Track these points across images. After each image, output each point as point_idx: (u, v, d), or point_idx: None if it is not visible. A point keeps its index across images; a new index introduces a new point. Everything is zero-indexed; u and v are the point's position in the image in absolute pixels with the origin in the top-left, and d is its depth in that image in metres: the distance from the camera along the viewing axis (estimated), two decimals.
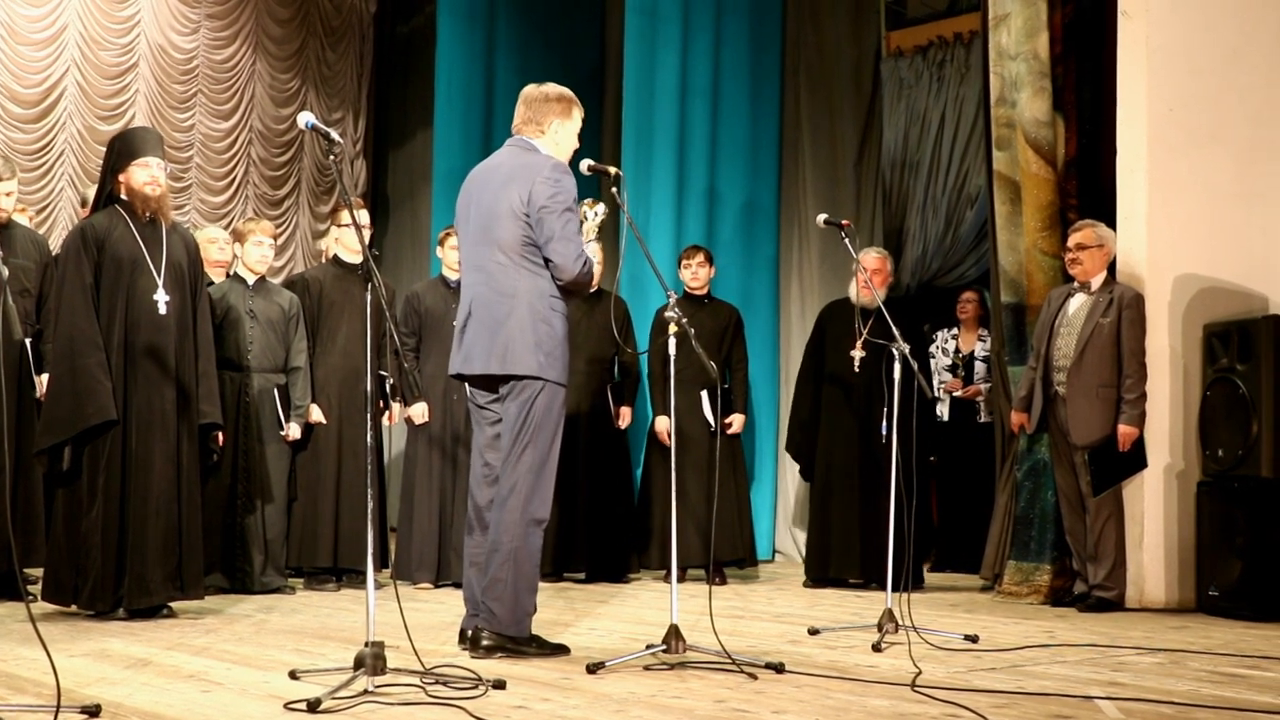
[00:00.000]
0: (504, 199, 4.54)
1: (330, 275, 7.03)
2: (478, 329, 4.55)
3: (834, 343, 7.35)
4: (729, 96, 8.83)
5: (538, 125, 4.70)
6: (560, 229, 4.48)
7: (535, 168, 4.55)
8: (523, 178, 4.53)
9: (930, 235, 9.60)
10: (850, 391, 7.24)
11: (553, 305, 4.54)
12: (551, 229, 4.48)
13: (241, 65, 11.13)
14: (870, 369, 7.10)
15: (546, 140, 4.70)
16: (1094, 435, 6.26)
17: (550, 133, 4.70)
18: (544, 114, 4.69)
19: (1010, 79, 6.89)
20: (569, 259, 4.49)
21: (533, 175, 4.52)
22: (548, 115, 4.69)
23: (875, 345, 7.06)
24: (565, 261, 4.49)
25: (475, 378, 4.60)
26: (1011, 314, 6.94)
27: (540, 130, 4.70)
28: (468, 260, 4.65)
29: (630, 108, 8.64)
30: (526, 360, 4.48)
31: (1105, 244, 6.42)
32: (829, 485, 7.30)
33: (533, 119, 4.70)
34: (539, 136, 4.70)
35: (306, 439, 6.80)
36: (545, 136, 4.70)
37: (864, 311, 7.17)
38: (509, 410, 4.51)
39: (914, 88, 9.53)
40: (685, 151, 8.63)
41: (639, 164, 8.52)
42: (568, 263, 4.49)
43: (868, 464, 7.15)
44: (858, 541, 7.17)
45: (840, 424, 7.27)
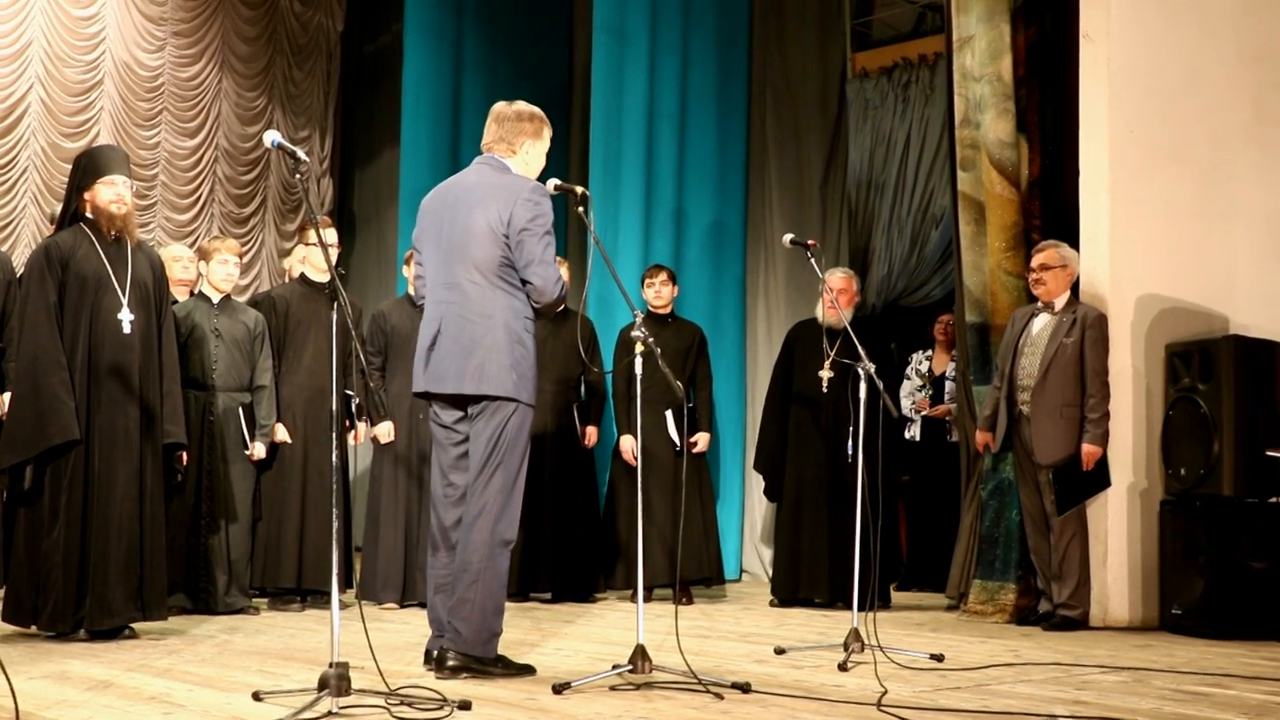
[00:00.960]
0: (481, 218, 4.52)
1: (296, 294, 7.00)
2: (450, 348, 4.53)
3: (801, 363, 7.38)
4: (696, 117, 8.86)
5: (509, 145, 4.69)
6: (541, 253, 4.48)
7: (514, 189, 4.54)
8: (502, 198, 4.52)
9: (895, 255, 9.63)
10: (818, 412, 7.26)
11: (526, 326, 4.54)
12: (532, 252, 4.48)
13: (207, 83, 11.09)
14: (838, 389, 7.12)
15: (517, 160, 4.70)
16: (1058, 454, 6.29)
17: (521, 153, 4.70)
18: (516, 133, 4.69)
19: (974, 100, 6.94)
20: (549, 282, 4.50)
21: (513, 196, 4.51)
22: (520, 135, 4.69)
23: (843, 365, 7.07)
24: (545, 285, 4.49)
25: (443, 397, 4.58)
26: (976, 334, 6.97)
27: (512, 150, 4.70)
28: (436, 278, 4.62)
29: (598, 127, 8.65)
30: (502, 381, 4.47)
31: (1068, 264, 6.46)
32: (798, 506, 7.31)
33: (504, 138, 4.69)
34: (510, 156, 4.69)
35: (271, 458, 6.76)
36: (516, 156, 4.70)
37: (831, 332, 7.19)
38: (480, 431, 4.49)
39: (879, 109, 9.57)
40: (652, 171, 8.64)
41: (606, 184, 8.53)
42: (548, 286, 4.49)
43: (836, 484, 7.17)
44: (826, 562, 7.18)
45: (809, 444, 7.30)
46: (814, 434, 7.28)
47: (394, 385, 7.11)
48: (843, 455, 7.07)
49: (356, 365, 6.71)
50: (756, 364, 9.13)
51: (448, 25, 10.01)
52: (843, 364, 7.05)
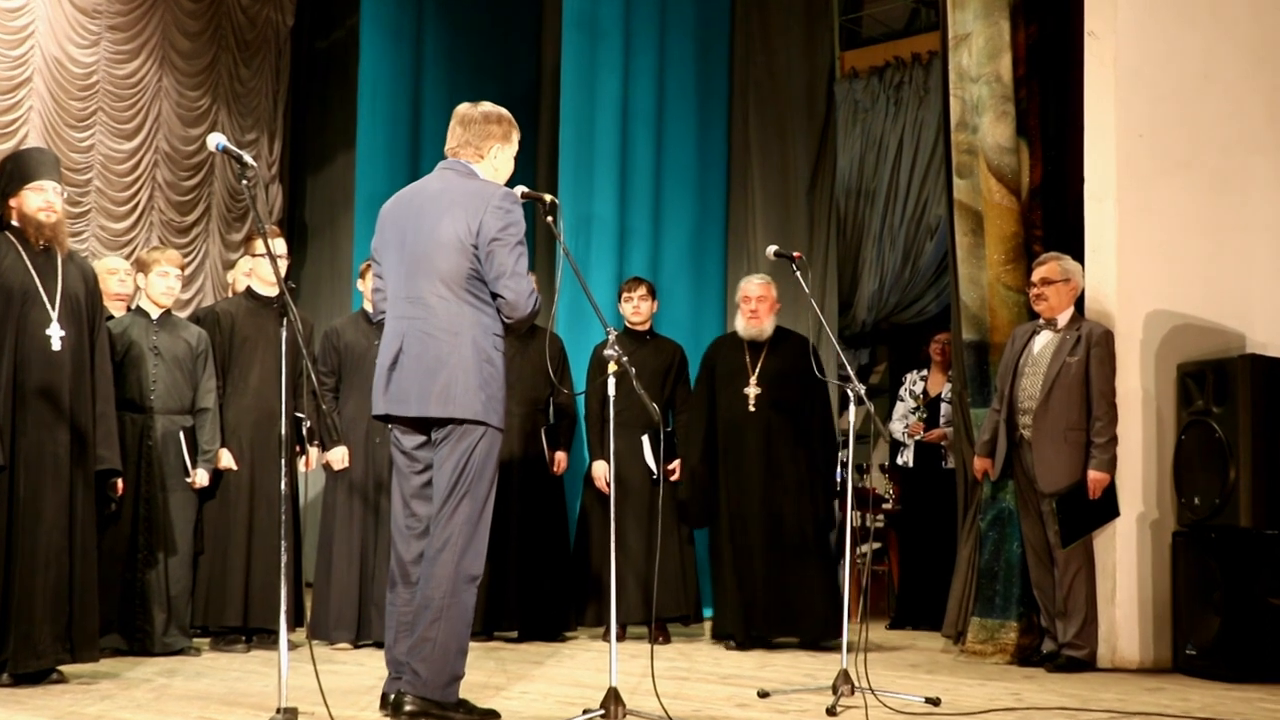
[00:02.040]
0: (447, 228, 4.51)
1: (242, 309, 6.97)
2: (413, 367, 4.50)
3: (724, 381, 7.29)
4: (674, 119, 8.87)
5: (476, 149, 4.69)
6: (513, 264, 4.47)
7: (483, 196, 4.53)
8: (470, 206, 4.51)
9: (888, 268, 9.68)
10: (746, 432, 7.17)
11: (496, 344, 4.54)
12: (503, 264, 4.47)
13: (146, 81, 11.04)
14: (766, 406, 7.08)
15: (485, 166, 4.69)
16: (1062, 482, 6.29)
17: (489, 157, 4.70)
18: (484, 137, 4.69)
19: (971, 102, 6.96)
20: (521, 296, 4.49)
21: (481, 204, 4.50)
22: (488, 139, 4.69)
23: (773, 380, 7.09)
24: (518, 299, 4.48)
25: (406, 420, 4.56)
26: (974, 352, 6.98)
27: (479, 154, 4.69)
28: (398, 292, 4.60)
29: (568, 130, 8.65)
30: (469, 403, 4.45)
31: (1072, 278, 6.47)
32: (740, 536, 7.14)
33: (471, 142, 4.69)
34: (477, 161, 4.69)
35: (215, 486, 6.72)
36: (484, 161, 4.69)
37: (753, 345, 7.19)
38: (445, 457, 4.47)
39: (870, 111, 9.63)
40: (627, 178, 8.65)
41: (578, 190, 8.53)
42: (520, 299, 4.49)
43: (773, 511, 7.09)
44: (772, 598, 7.03)
45: (740, 469, 7.17)
46: (745, 457, 7.15)
47: (348, 407, 7.07)
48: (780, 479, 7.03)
49: (308, 386, 6.68)
50: None
51: (407, 20, 10.01)
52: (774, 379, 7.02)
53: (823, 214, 9.40)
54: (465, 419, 4.45)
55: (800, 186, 9.37)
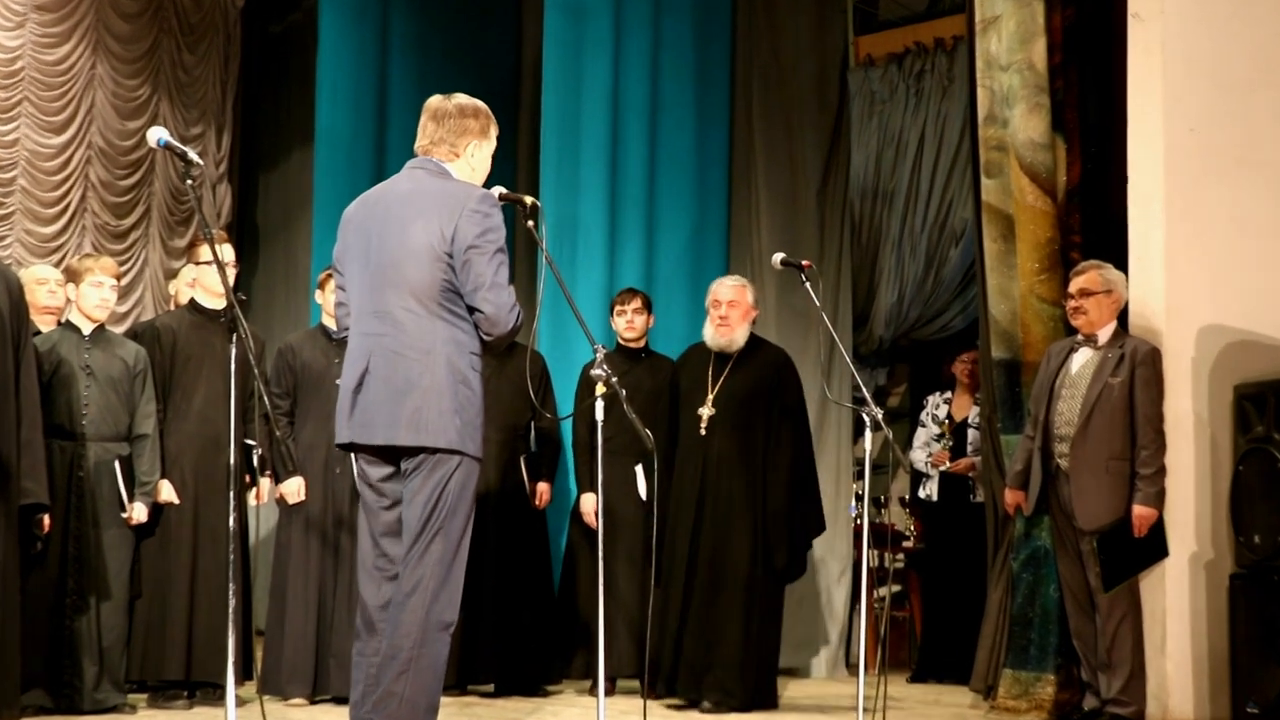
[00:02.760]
0: (419, 234, 4.50)
1: (186, 323, 6.95)
2: (381, 390, 4.50)
3: (685, 399, 7.18)
4: (669, 110, 8.87)
5: (451, 146, 4.69)
6: (492, 275, 4.47)
7: (459, 198, 4.52)
8: (444, 209, 4.50)
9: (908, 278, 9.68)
10: (688, 461, 7.01)
11: (472, 363, 4.53)
12: (481, 274, 4.46)
13: (78, 68, 11.02)
14: (718, 431, 6.87)
15: (460, 165, 4.70)
16: (1104, 518, 6.28)
17: (465, 156, 4.70)
18: (459, 133, 4.69)
19: (1001, 93, 6.97)
20: (502, 309, 4.48)
21: (457, 207, 4.50)
22: (464, 135, 4.69)
23: (733, 401, 6.94)
24: (498, 313, 4.48)
25: (372, 449, 4.54)
26: (1004, 372, 6.98)
27: (454, 152, 4.69)
28: (363, 306, 4.59)
29: (551, 123, 8.64)
30: (444, 429, 4.44)
31: (1114, 289, 6.47)
32: (688, 580, 6.94)
33: (445, 139, 4.69)
34: (452, 160, 4.69)
35: (155, 522, 6.70)
36: (459, 160, 4.70)
37: (720, 357, 7.03)
38: (417, 490, 4.46)
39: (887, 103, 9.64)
40: (617, 176, 8.64)
41: (562, 192, 8.51)
42: (501, 314, 4.48)
43: (705, 556, 6.87)
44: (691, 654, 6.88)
45: (675, 503, 6.98)
46: (682, 489, 6.97)
47: (305, 433, 7.06)
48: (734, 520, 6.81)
49: (259, 409, 6.67)
50: None
51: (371, 1, 10.00)
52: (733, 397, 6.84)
53: (835, 218, 9.38)
54: (439, 447, 4.44)
55: (810, 187, 9.36)
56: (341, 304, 4.75)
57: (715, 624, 6.84)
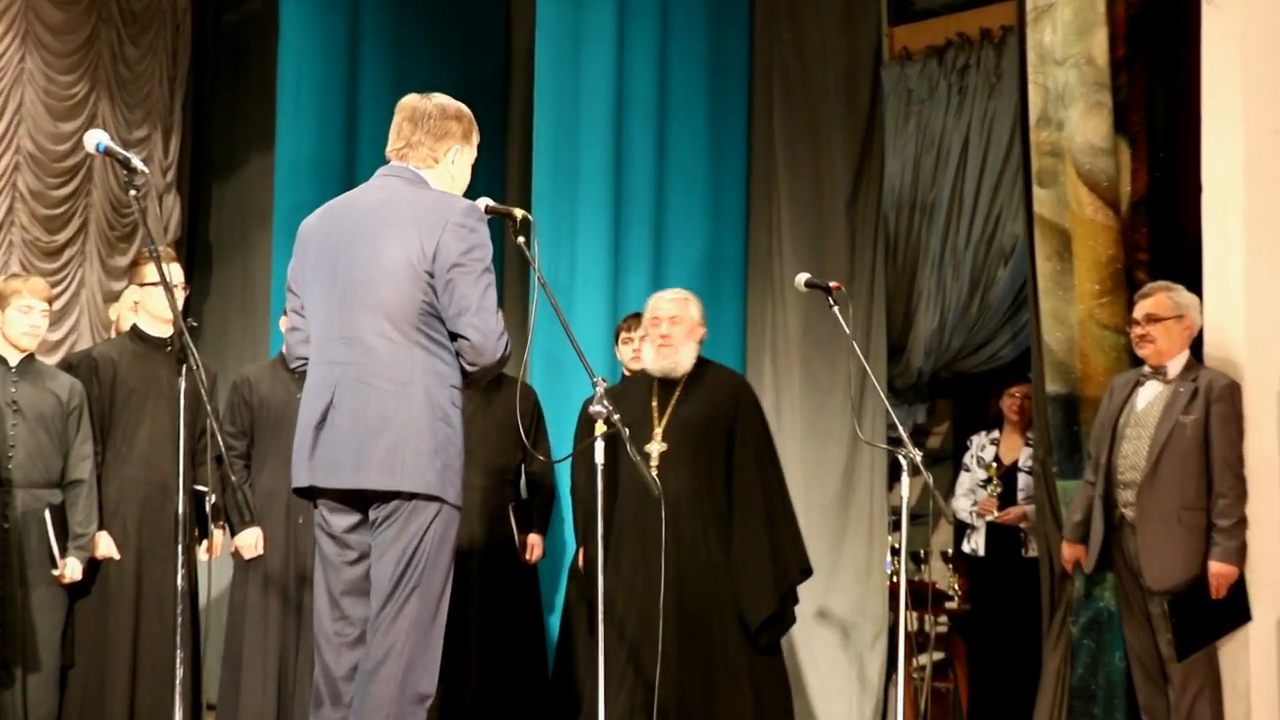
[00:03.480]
0: (394, 249, 4.50)
1: (128, 353, 6.96)
2: (348, 426, 4.49)
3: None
4: (679, 112, 8.88)
5: (430, 151, 4.69)
6: (479, 297, 4.48)
7: (441, 210, 4.53)
8: (424, 222, 4.51)
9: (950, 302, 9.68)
10: (641, 507, 6.68)
11: (453, 398, 4.53)
12: (466, 296, 4.46)
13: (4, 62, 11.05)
14: (676, 468, 6.62)
15: (439, 173, 4.71)
16: (1176, 577, 6.27)
17: (446, 163, 4.72)
18: (440, 137, 4.70)
19: (1056, 91, 6.98)
20: (490, 337, 4.49)
21: (439, 220, 4.50)
22: (445, 139, 4.71)
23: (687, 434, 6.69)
24: (485, 340, 4.48)
25: (337, 495, 4.53)
26: (1060, 409, 6.97)
27: (433, 158, 4.70)
28: (327, 331, 4.58)
29: (545, 125, 8.65)
30: (420, 472, 4.43)
31: (1185, 314, 6.47)
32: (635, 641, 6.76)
33: (423, 142, 4.70)
34: (430, 167, 4.71)
35: (91, 580, 6.70)
36: (439, 168, 4.72)
37: (665, 383, 6.79)
38: (389, 542, 4.45)
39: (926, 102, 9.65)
40: (621, 187, 8.63)
41: (557, 204, 8.52)
42: (488, 342, 4.49)
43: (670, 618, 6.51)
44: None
45: (632, 553, 6.75)
46: (634, 540, 6.72)
47: (263, 478, 7.07)
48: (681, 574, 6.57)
49: (211, 450, 6.66)
50: None
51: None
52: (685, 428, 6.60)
53: (867, 233, 9.38)
54: (415, 493, 4.43)
55: (839, 198, 9.36)
56: (296, 329, 4.74)
57: (714, 709, 6.62)
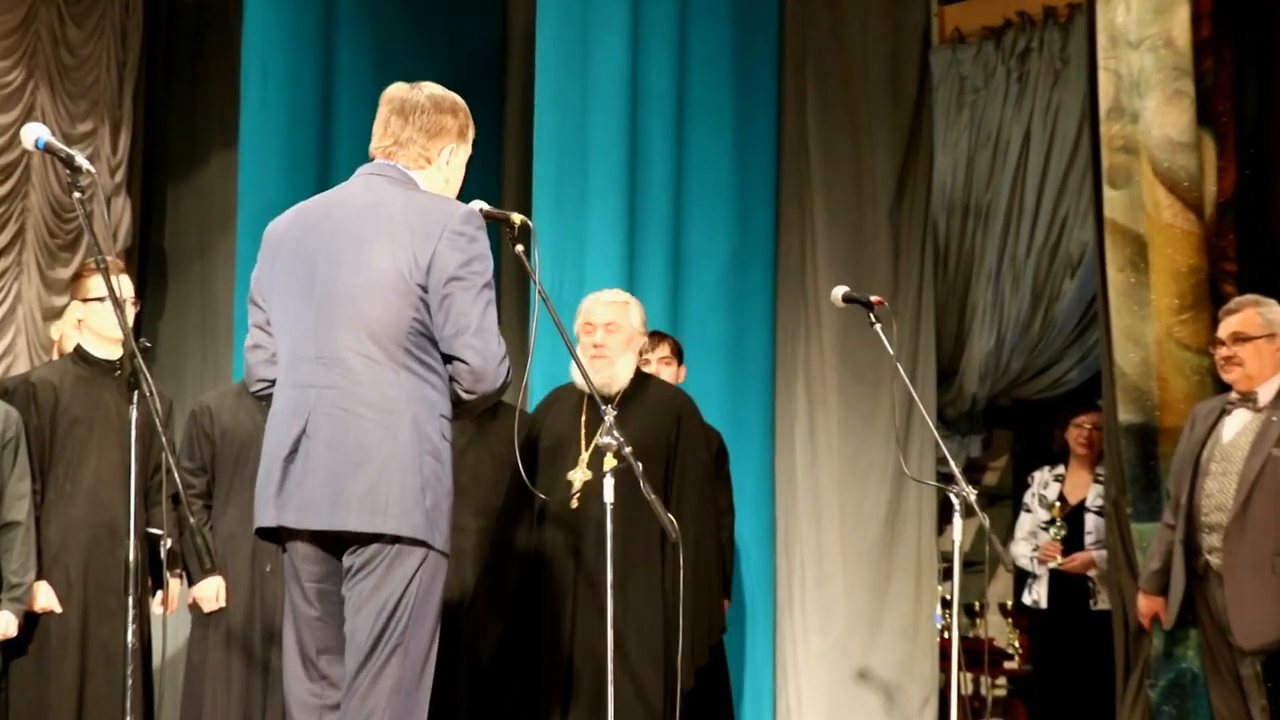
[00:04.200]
0: (382, 258, 4.48)
1: (71, 377, 6.95)
2: (324, 459, 4.46)
3: (547, 459, 6.79)
4: (700, 104, 8.88)
5: (423, 150, 4.68)
6: (479, 316, 4.46)
7: (436, 216, 4.51)
8: (416, 229, 4.49)
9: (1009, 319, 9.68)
10: (562, 544, 6.65)
11: (443, 429, 4.52)
12: (464, 314, 4.45)
13: None
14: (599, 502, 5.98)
15: (431, 174, 4.70)
16: (1270, 633, 6.26)
17: (439, 163, 4.70)
18: (434, 133, 4.69)
19: (1130, 78, 6.97)
20: (490, 360, 4.48)
21: (434, 228, 4.49)
22: (439, 136, 4.70)
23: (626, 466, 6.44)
24: (485, 364, 4.47)
25: (310, 537, 4.52)
26: (1136, 441, 6.97)
27: (426, 158, 4.69)
28: (300, 349, 4.56)
29: (547, 118, 8.65)
30: (406, 513, 4.41)
31: (1278, 332, 6.46)
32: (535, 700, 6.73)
33: (415, 140, 4.68)
34: (422, 167, 4.69)
35: (28, 636, 6.68)
36: (431, 169, 4.70)
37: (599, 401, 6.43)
38: (370, 593, 4.43)
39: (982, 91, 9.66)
40: (635, 189, 8.62)
41: (561, 209, 8.50)
42: (488, 366, 4.48)
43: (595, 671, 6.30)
44: None
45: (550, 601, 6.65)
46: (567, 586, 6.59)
47: (226, 520, 7.07)
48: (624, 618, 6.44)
49: (167, 489, 6.65)
50: (792, 481, 9.08)
51: None
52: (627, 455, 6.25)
53: (914, 241, 9.39)
54: (401, 536, 4.41)
55: (881, 200, 9.37)
56: (259, 346, 4.71)
57: None
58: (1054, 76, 9.50)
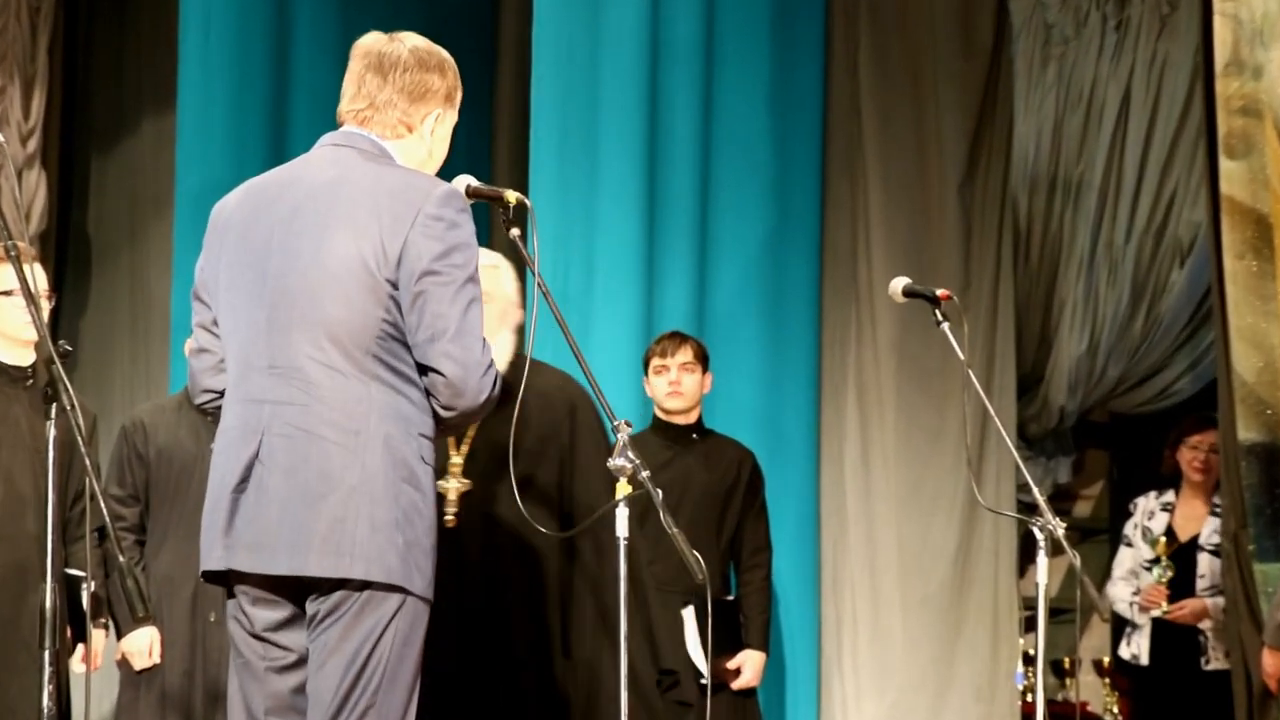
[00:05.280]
0: (346, 248, 4.44)
1: None
2: (282, 489, 4.43)
3: None
4: (732, 59, 8.88)
5: (404, 115, 4.62)
6: (460, 316, 4.39)
7: (410, 197, 4.45)
8: (386, 212, 4.43)
9: (1103, 316, 9.68)
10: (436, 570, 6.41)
11: (422, 450, 4.47)
12: (443, 315, 4.39)
13: None
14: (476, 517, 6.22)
15: (412, 145, 4.64)
16: None
17: (422, 132, 4.65)
18: (418, 95, 4.62)
19: (1253, 24, 6.98)
20: (472, 370, 4.41)
21: (407, 211, 4.42)
22: (424, 100, 4.63)
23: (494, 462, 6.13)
24: (465, 375, 4.40)
25: (263, 581, 4.52)
26: (1259, 464, 6.97)
27: (406, 124, 4.62)
28: (250, 357, 4.54)
29: (547, 79, 8.65)
30: (379, 552, 4.38)
31: None
32: None
33: (394, 103, 4.61)
34: (401, 137, 4.63)
35: None
36: (411, 138, 4.65)
37: None
38: (335, 646, 4.39)
39: (1072, 42, 9.66)
40: (654, 160, 8.62)
41: (566, 184, 8.51)
42: (469, 377, 4.40)
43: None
44: None
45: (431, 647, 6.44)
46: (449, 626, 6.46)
47: (162, 559, 7.11)
48: None
49: (91, 521, 6.66)
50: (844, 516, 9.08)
51: None
52: None
53: (989, 223, 9.40)
54: (372, 580, 4.40)
55: (949, 176, 9.38)
56: (205, 351, 4.68)
57: None
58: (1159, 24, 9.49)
